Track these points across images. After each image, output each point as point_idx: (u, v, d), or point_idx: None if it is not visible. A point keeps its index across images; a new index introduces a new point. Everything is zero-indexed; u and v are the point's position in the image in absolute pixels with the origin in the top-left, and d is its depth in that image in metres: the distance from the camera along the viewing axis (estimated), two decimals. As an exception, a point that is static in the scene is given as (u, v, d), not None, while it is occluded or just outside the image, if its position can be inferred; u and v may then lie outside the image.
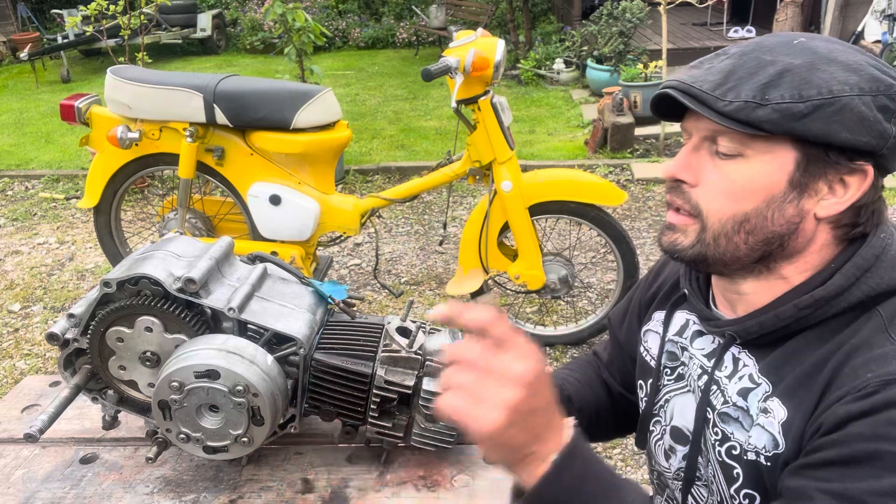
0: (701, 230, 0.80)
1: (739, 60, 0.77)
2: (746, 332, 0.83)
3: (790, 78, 0.73)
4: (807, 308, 0.78)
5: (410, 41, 10.24)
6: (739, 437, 0.83)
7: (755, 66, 0.75)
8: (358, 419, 0.85)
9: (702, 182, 0.80)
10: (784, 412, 0.77)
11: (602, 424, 1.17)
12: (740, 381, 0.84)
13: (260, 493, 0.83)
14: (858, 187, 0.76)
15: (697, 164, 0.80)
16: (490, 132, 2.58)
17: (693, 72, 0.79)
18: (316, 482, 0.85)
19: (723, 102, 0.75)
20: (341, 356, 0.83)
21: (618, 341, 1.15)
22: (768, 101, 0.73)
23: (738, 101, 0.74)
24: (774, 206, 0.77)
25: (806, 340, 0.79)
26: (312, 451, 0.90)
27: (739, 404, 0.83)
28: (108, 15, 4.66)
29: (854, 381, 0.71)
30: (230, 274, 0.85)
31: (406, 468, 0.86)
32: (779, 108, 0.73)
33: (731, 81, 0.75)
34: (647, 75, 5.79)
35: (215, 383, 0.76)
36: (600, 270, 3.62)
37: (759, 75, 0.74)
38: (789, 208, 0.77)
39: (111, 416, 0.87)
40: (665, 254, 0.86)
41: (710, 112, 0.75)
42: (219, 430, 0.79)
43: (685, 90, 0.78)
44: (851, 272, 0.77)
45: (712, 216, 0.79)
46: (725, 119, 0.74)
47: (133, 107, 2.74)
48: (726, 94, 0.75)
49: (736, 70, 0.76)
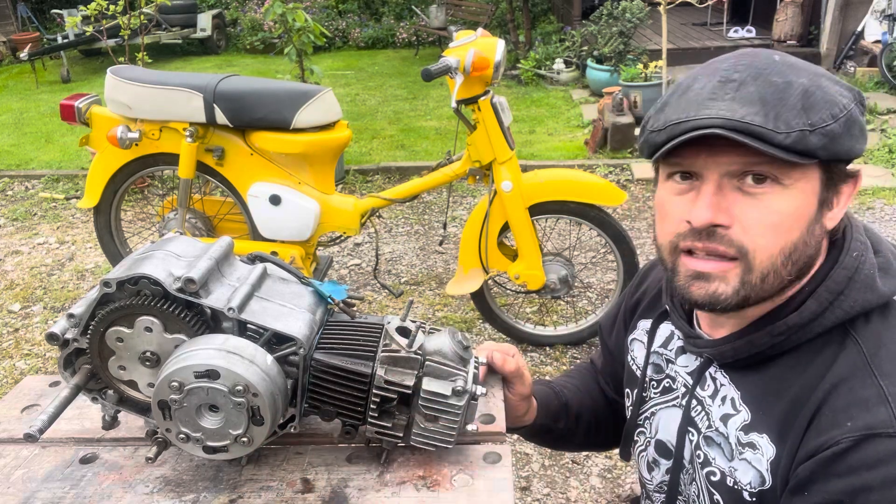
0: (745, 272, 0.74)
1: (757, 85, 0.71)
2: (722, 355, 0.83)
3: (815, 98, 0.70)
4: (780, 335, 0.76)
5: (410, 41, 10.24)
6: (721, 463, 0.82)
7: (776, 90, 0.70)
8: (358, 419, 0.85)
9: (738, 221, 0.73)
10: (773, 450, 0.76)
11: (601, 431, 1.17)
12: (723, 404, 0.83)
13: (260, 493, 0.83)
14: (850, 192, 0.76)
15: (726, 203, 0.73)
16: (490, 132, 2.58)
17: (718, 105, 0.71)
18: (316, 482, 0.85)
19: (781, 135, 0.69)
20: (341, 356, 0.83)
21: (608, 348, 1.15)
22: (815, 127, 0.69)
23: (793, 130, 0.69)
24: (812, 229, 0.75)
25: (785, 367, 0.78)
26: (312, 451, 0.90)
27: (721, 430, 0.83)
28: (108, 15, 4.66)
29: (832, 431, 0.69)
30: (230, 274, 0.85)
31: (406, 468, 0.86)
32: (826, 132, 0.70)
33: (770, 110, 0.70)
34: (647, 75, 5.78)
35: (215, 383, 0.76)
36: (600, 270, 3.62)
37: (788, 99, 0.70)
38: (818, 228, 0.75)
39: (111, 416, 0.87)
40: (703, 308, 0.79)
41: (769, 147, 0.69)
42: (219, 430, 0.79)
43: (736, 128, 0.69)
44: (824, 297, 0.75)
45: (761, 253, 0.73)
46: (785, 152, 0.69)
47: (133, 107, 2.74)
48: (777, 124, 0.69)
49: (765, 96, 0.70)
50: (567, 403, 1.11)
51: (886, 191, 4.37)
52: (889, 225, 3.99)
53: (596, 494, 2.25)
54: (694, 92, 0.74)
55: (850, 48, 6.93)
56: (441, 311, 3.35)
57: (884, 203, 4.26)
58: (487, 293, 2.92)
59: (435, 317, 3.31)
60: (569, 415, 1.11)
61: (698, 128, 0.70)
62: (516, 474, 2.33)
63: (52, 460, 0.90)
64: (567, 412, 1.11)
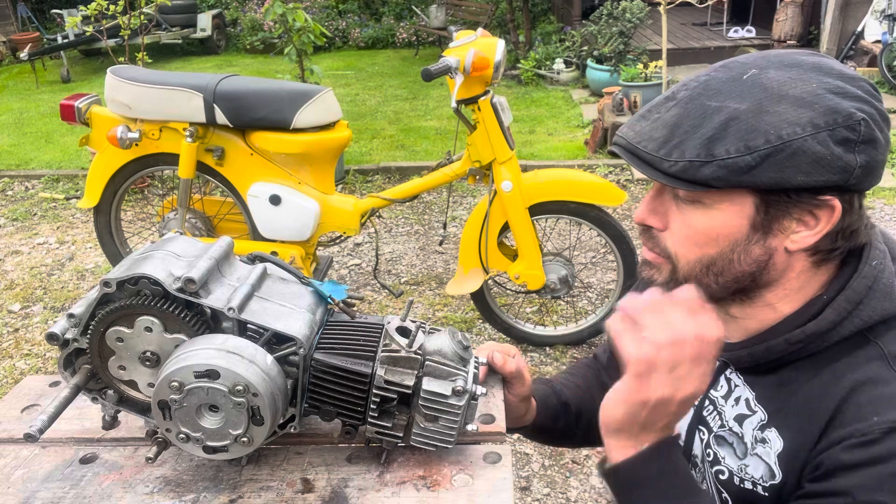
0: (672, 271, 0.81)
1: (685, 109, 0.74)
2: (738, 360, 0.83)
3: (736, 128, 0.70)
4: (798, 343, 0.77)
5: (410, 41, 10.24)
6: (730, 462, 0.83)
7: (700, 115, 0.72)
8: (358, 419, 0.85)
9: (670, 226, 0.80)
10: (781, 443, 0.76)
11: None
12: (737, 404, 0.83)
13: (260, 493, 0.83)
14: (828, 220, 0.73)
15: (663, 208, 0.80)
16: (490, 132, 2.58)
17: (641, 125, 0.77)
18: (316, 482, 0.85)
19: (667, 163, 0.73)
20: (341, 356, 0.83)
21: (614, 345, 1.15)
22: (713, 158, 0.70)
23: (682, 160, 0.72)
24: (739, 249, 0.76)
25: (801, 369, 0.78)
26: (312, 451, 0.90)
27: (735, 430, 0.83)
28: (108, 15, 4.66)
29: (858, 423, 0.69)
30: (230, 274, 0.85)
31: (406, 468, 0.86)
32: (725, 164, 0.70)
33: (675, 137, 0.73)
34: (647, 75, 5.79)
35: (215, 383, 0.76)
36: (600, 270, 3.62)
37: (703, 127, 0.72)
38: (755, 249, 0.75)
39: (111, 416, 0.87)
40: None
41: (656, 174, 0.74)
42: (219, 430, 0.79)
43: (632, 151, 0.77)
44: (843, 306, 0.75)
45: (681, 260, 0.79)
46: (672, 180, 0.73)
47: (133, 107, 2.74)
48: (671, 152, 0.73)
49: (681, 122, 0.73)
50: (567, 403, 1.12)
51: (886, 191, 4.37)
52: (889, 225, 3.99)
53: (596, 494, 2.25)
54: (642, 109, 0.81)
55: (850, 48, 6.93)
56: (441, 311, 3.35)
57: (884, 203, 4.26)
58: (487, 293, 2.92)
59: (435, 317, 3.31)
60: (568, 414, 1.12)
61: (615, 143, 0.80)
62: (516, 474, 2.33)
63: (52, 460, 0.90)
64: (567, 411, 1.11)
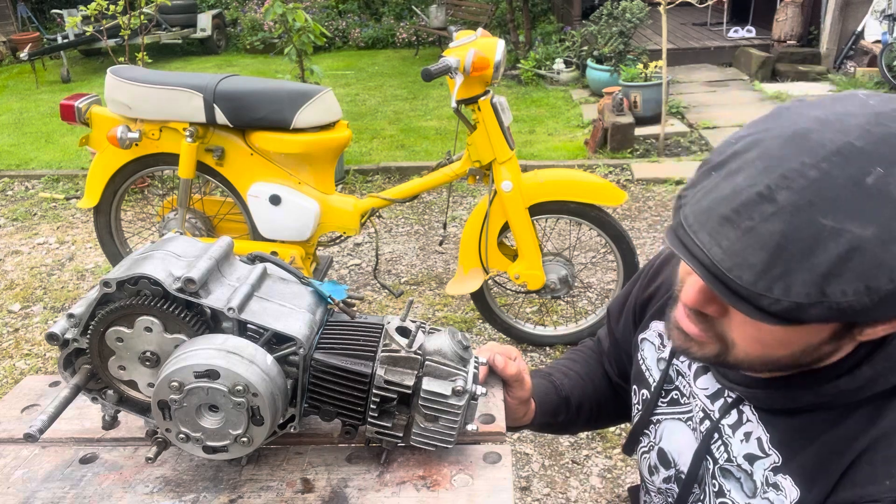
0: (721, 352, 0.72)
1: (791, 225, 0.56)
2: (755, 398, 0.79)
3: (858, 261, 0.55)
4: (827, 396, 0.72)
5: (410, 41, 10.24)
6: (736, 497, 0.80)
7: (812, 237, 0.56)
8: (358, 419, 0.85)
9: (731, 314, 0.68)
10: (797, 493, 0.73)
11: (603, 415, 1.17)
12: (746, 441, 0.80)
13: (260, 493, 0.83)
14: None
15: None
16: (490, 132, 2.58)
17: (723, 234, 0.60)
18: (316, 482, 0.85)
19: (767, 300, 0.59)
20: (341, 356, 0.82)
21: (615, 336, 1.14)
22: (825, 299, 0.57)
23: (787, 300, 0.58)
24: (810, 350, 0.69)
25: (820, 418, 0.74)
26: (312, 451, 0.90)
27: (744, 467, 0.80)
28: (108, 15, 4.66)
29: (869, 486, 0.67)
30: (230, 274, 0.85)
31: (406, 468, 0.86)
32: (838, 308, 0.57)
33: (778, 265, 0.57)
34: (647, 75, 5.79)
35: (215, 383, 0.76)
36: (600, 270, 3.62)
37: (816, 256, 0.56)
38: (826, 348, 0.69)
39: (111, 416, 0.87)
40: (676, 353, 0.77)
41: (749, 308, 0.60)
42: (218, 430, 0.79)
43: (718, 276, 0.60)
44: (881, 364, 0.69)
45: (740, 352, 0.71)
46: (769, 317, 0.60)
47: (133, 107, 2.74)
48: (772, 286, 0.58)
49: (786, 245, 0.57)
50: (567, 397, 1.11)
51: None
52: None
53: (596, 494, 2.25)
54: (722, 193, 0.61)
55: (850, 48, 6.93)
56: (441, 311, 3.35)
57: None
58: (487, 293, 2.92)
59: (435, 317, 3.31)
60: (569, 408, 1.11)
61: (687, 251, 0.63)
62: (516, 474, 2.33)
63: (52, 460, 0.90)
64: (567, 406, 1.11)
